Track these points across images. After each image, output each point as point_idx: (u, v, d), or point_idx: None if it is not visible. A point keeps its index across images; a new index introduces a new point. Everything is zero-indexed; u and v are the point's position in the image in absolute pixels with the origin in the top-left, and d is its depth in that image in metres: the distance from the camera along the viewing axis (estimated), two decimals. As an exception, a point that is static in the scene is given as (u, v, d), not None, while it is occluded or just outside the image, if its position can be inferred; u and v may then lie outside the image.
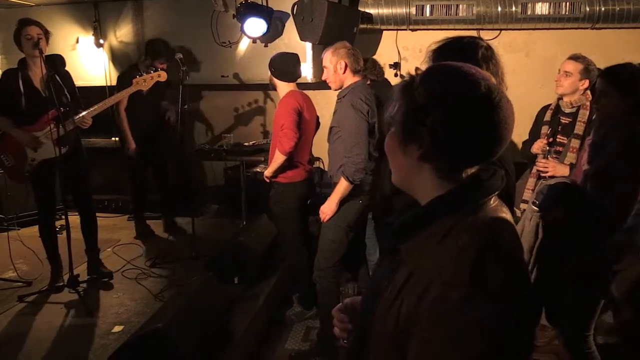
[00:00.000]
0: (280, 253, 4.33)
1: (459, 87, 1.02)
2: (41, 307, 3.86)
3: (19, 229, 5.28)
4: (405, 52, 5.65)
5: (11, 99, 3.79)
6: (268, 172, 3.74)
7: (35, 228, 4.31)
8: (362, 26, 5.04)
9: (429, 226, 1.02)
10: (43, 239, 4.15)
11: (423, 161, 1.05)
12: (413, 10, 5.11)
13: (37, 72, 3.87)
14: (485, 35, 5.03)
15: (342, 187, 3.16)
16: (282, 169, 3.67)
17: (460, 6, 4.98)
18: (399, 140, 1.07)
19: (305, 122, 3.68)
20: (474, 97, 1.00)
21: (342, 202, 3.20)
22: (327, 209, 3.21)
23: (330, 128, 3.35)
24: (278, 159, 3.59)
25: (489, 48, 1.70)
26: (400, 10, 5.16)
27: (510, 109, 1.03)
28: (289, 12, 5.29)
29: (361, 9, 5.16)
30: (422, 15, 5.12)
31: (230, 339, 3.28)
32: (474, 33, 4.94)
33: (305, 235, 3.91)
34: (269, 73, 3.81)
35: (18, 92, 3.78)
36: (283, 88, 3.76)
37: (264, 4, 5.27)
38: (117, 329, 3.51)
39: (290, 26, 5.40)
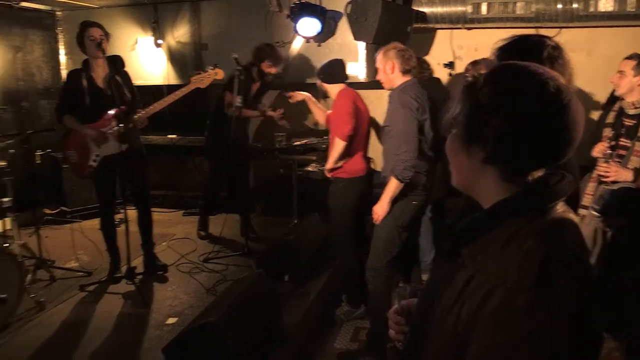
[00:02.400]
0: (330, 252, 4.34)
1: (526, 86, 0.99)
2: (100, 296, 4.04)
3: (80, 222, 5.52)
4: (460, 52, 5.55)
5: (76, 98, 3.96)
6: (329, 164, 3.77)
7: (96, 221, 4.49)
8: (415, 25, 4.98)
9: (492, 230, 0.99)
10: (103, 231, 4.32)
11: (487, 163, 1.02)
12: (469, 8, 5.00)
13: (100, 72, 4.03)
14: (544, 34, 4.87)
15: (392, 186, 3.14)
16: (342, 163, 3.71)
17: (519, 4, 4.84)
18: (462, 141, 1.05)
19: (360, 113, 3.70)
20: (542, 97, 0.97)
21: (396, 202, 3.18)
22: (380, 209, 3.20)
23: (384, 128, 3.35)
24: (338, 145, 3.62)
25: (556, 47, 1.65)
26: (456, 9, 5.06)
27: (580, 110, 0.99)
28: (342, 11, 5.30)
29: (415, 7, 5.10)
30: (479, 13, 5.00)
31: (280, 336, 3.32)
32: (532, 32, 4.80)
33: (359, 234, 3.91)
34: (318, 82, 3.86)
35: (82, 91, 3.95)
36: (334, 90, 3.79)
37: (318, 3, 5.31)
38: (171, 320, 3.61)
39: (343, 25, 5.41)
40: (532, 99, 0.97)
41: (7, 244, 4.10)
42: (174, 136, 6.41)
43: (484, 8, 4.96)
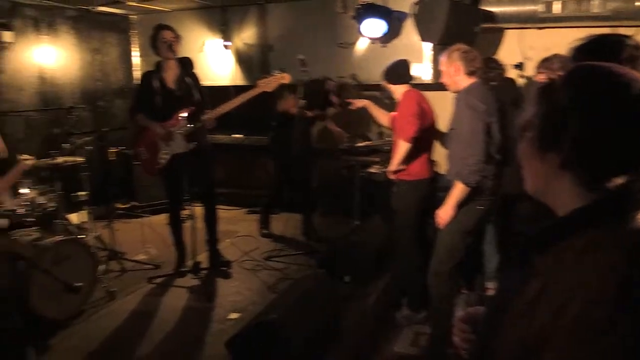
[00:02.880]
0: (392, 255, 4.31)
1: (607, 88, 0.94)
2: (167, 289, 4.20)
3: (150, 217, 5.77)
4: (530, 52, 5.36)
5: (148, 98, 4.13)
6: (393, 166, 3.74)
7: (164, 216, 4.66)
8: (483, 25, 4.86)
9: (568, 239, 0.95)
10: (170, 226, 4.49)
11: (563, 169, 0.98)
12: (540, 7, 4.81)
13: (171, 74, 4.18)
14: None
15: (457, 190, 3.07)
16: (406, 165, 3.67)
17: (594, 2, 4.61)
18: (536, 145, 1.02)
19: (425, 114, 3.65)
20: (625, 99, 0.92)
21: (461, 206, 3.11)
22: (444, 214, 3.14)
23: (449, 131, 3.28)
24: (402, 147, 3.59)
25: (637, 47, 1.56)
26: (526, 8, 4.89)
27: None
28: (408, 11, 5.25)
29: (483, 7, 4.98)
30: (551, 12, 4.81)
31: (339, 337, 3.33)
32: (607, 31, 4.57)
33: (421, 238, 3.86)
34: (383, 83, 3.83)
35: (154, 92, 4.11)
36: (399, 91, 3.75)
37: (383, 4, 5.28)
38: (233, 315, 3.70)
39: (408, 26, 5.36)
40: (614, 101, 0.93)
41: (83, 236, 4.35)
42: (239, 136, 6.56)
43: (556, 7, 4.76)
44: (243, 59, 6.47)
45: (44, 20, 5.83)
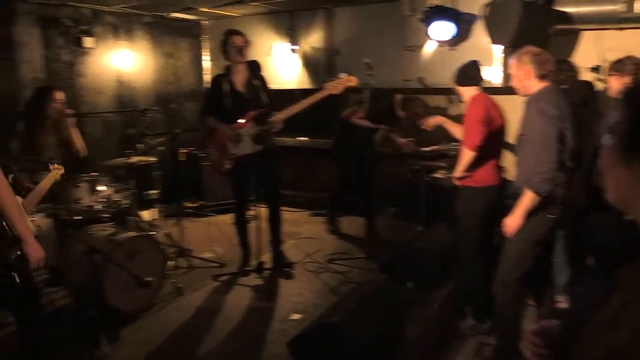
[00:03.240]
0: (456, 262, 4.22)
1: None
2: (231, 287, 4.29)
3: (217, 216, 5.93)
4: (608, 54, 5.09)
5: (218, 101, 4.24)
6: (457, 171, 3.67)
7: (230, 216, 4.77)
8: (558, 27, 4.67)
9: None
10: (236, 226, 4.59)
11: None
12: (620, 7, 4.56)
13: (240, 77, 4.28)
14: None
15: (527, 199, 2.96)
16: (472, 171, 3.58)
17: (681, 0, 4.33)
18: (621, 153, 0.97)
19: (493, 121, 3.54)
20: None
21: (530, 215, 2.99)
22: (512, 222, 3.03)
23: (519, 137, 3.17)
24: (466, 155, 3.51)
25: None
26: (605, 8, 4.65)
27: None
28: (478, 14, 5.13)
29: (558, 8, 4.78)
30: (632, 12, 4.55)
31: (401, 344, 3.29)
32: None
33: (486, 245, 3.75)
34: (455, 86, 3.75)
35: (224, 94, 4.22)
36: (467, 93, 3.66)
37: (452, 6, 5.19)
38: (295, 316, 3.73)
39: (478, 28, 5.24)
40: None
41: (154, 232, 4.53)
42: (304, 138, 6.63)
43: (638, 6, 4.50)
44: (309, 63, 6.55)
45: (122, 26, 6.13)
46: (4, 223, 2.30)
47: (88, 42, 5.67)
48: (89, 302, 3.45)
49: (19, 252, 2.30)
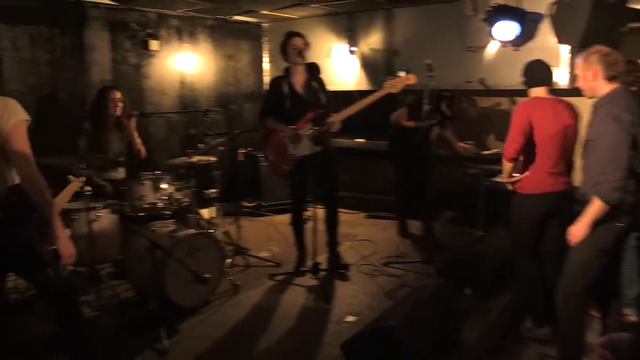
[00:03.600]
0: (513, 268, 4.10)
1: None
2: (287, 286, 4.33)
3: (273, 216, 6.00)
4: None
5: (277, 102, 4.29)
6: (504, 178, 3.59)
7: (287, 216, 4.81)
8: (632, 25, 4.43)
9: None
10: (293, 226, 4.62)
11: None
12: (702, 3, 4.30)
13: (299, 79, 4.31)
14: None
15: (595, 207, 2.82)
16: (524, 178, 3.46)
17: None
18: None
19: (540, 130, 3.36)
20: None
21: (597, 223, 2.85)
22: (577, 231, 2.89)
23: (585, 142, 3.02)
24: (504, 165, 3.44)
25: None
26: (685, 5, 4.39)
27: None
28: (544, 13, 4.96)
29: (632, 5, 4.54)
30: None
31: (458, 350, 3.21)
32: None
33: (544, 252, 3.60)
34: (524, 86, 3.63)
35: (283, 96, 4.26)
36: (530, 94, 3.54)
37: (517, 5, 5.04)
38: (350, 318, 3.72)
39: (544, 27, 5.07)
40: None
41: (213, 230, 4.63)
42: (361, 140, 6.60)
43: None
44: (368, 64, 6.52)
45: (185, 29, 6.32)
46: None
47: (154, 45, 5.88)
48: (150, 296, 3.56)
49: (53, 248, 2.39)
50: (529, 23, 5.06)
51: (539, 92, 3.45)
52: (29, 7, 4.78)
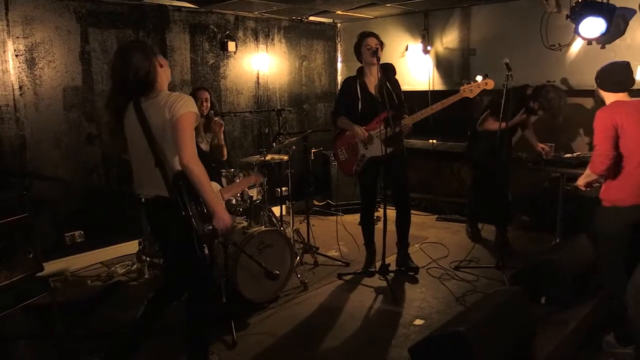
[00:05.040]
0: (598, 280, 3.87)
1: None
2: (355, 286, 4.33)
3: (342, 215, 6.02)
4: None
5: (350, 103, 4.29)
6: (580, 181, 3.39)
7: (356, 216, 4.82)
8: None
9: None
10: (362, 226, 4.61)
11: None
12: None
13: (372, 79, 4.29)
14: None
15: None
16: (605, 189, 3.25)
17: None
18: None
19: (627, 136, 3.11)
20: None
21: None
22: None
23: None
24: (588, 176, 3.26)
25: None
26: None
27: None
28: (637, 8, 4.67)
29: None
30: None
31: (531, 361, 3.08)
32: None
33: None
34: (596, 88, 3.41)
35: (356, 96, 4.26)
36: (608, 99, 3.28)
37: (605, 1, 4.76)
38: (418, 322, 3.67)
39: (635, 24, 4.78)
40: None
41: (283, 228, 4.70)
42: (434, 141, 6.49)
43: None
44: (442, 64, 6.40)
45: (261, 31, 6.45)
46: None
47: (231, 46, 6.05)
48: (222, 289, 3.67)
49: (210, 227, 2.56)
50: (617, 19, 4.78)
51: (618, 96, 3.23)
52: (117, 12, 5.06)
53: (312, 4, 5.81)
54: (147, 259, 4.53)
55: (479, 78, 4.04)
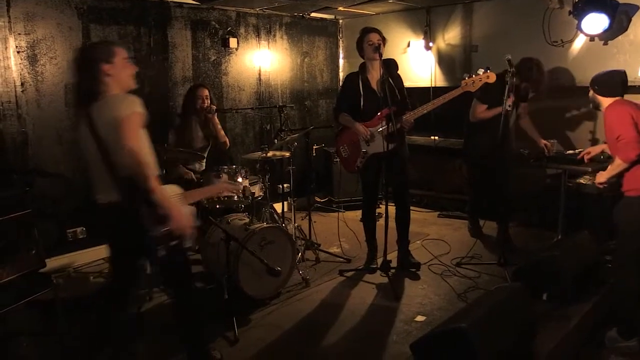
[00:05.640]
0: (600, 277, 3.87)
1: None
2: (356, 283, 4.33)
3: (344, 212, 6.02)
4: None
5: (352, 99, 4.29)
6: (602, 177, 3.42)
7: (358, 212, 4.83)
8: None
9: None
10: (363, 223, 4.62)
11: None
12: None
13: (374, 75, 4.28)
14: None
15: None
16: (632, 180, 3.28)
17: None
18: None
19: None
20: None
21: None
22: None
23: None
24: (618, 167, 3.27)
25: None
26: None
27: None
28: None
29: None
30: None
31: (532, 358, 3.08)
32: None
33: None
34: (590, 92, 3.49)
35: (358, 92, 4.26)
36: (606, 102, 3.40)
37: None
38: (419, 318, 3.67)
39: (638, 20, 4.77)
40: None
41: (285, 224, 4.71)
42: (435, 137, 6.48)
43: None
44: (444, 60, 6.39)
45: (263, 27, 6.44)
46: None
47: (233, 42, 6.04)
48: (224, 285, 3.67)
49: (165, 229, 2.49)
50: (620, 15, 4.76)
51: (610, 102, 3.37)
52: (119, 8, 5.05)
53: (314, 0, 5.79)
54: (149, 255, 4.53)
55: (480, 71, 4.02)
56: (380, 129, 4.14)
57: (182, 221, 2.52)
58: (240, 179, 4.30)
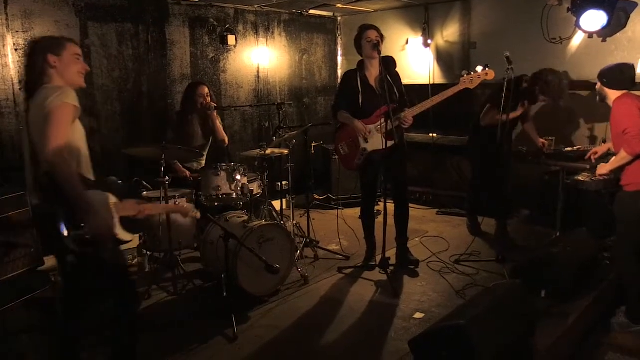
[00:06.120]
0: (598, 273, 3.88)
1: None
2: (355, 280, 4.33)
3: (343, 209, 6.02)
4: None
5: (350, 96, 4.28)
6: (604, 169, 3.45)
7: (357, 210, 4.82)
8: None
9: None
10: (362, 220, 4.62)
11: None
12: None
13: (373, 72, 4.28)
14: None
15: None
16: (632, 175, 3.31)
17: None
18: None
19: None
20: None
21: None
22: None
23: None
24: (622, 159, 3.32)
25: None
26: None
27: None
28: (638, 1, 4.66)
29: None
30: None
31: (531, 355, 3.08)
32: None
33: None
34: (598, 85, 3.50)
35: (356, 90, 4.25)
36: (614, 95, 3.41)
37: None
38: (418, 315, 3.68)
39: (636, 17, 4.76)
40: None
41: (284, 222, 4.71)
42: (434, 135, 6.48)
43: None
44: (443, 57, 6.38)
45: (261, 24, 6.44)
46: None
47: (231, 40, 6.03)
48: (223, 283, 3.67)
49: (82, 233, 2.33)
50: (618, 12, 4.76)
51: (618, 95, 3.40)
52: (116, 5, 5.04)
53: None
54: (148, 253, 4.54)
55: (479, 69, 4.02)
56: (379, 126, 4.14)
57: (98, 226, 2.34)
58: (238, 177, 4.29)
